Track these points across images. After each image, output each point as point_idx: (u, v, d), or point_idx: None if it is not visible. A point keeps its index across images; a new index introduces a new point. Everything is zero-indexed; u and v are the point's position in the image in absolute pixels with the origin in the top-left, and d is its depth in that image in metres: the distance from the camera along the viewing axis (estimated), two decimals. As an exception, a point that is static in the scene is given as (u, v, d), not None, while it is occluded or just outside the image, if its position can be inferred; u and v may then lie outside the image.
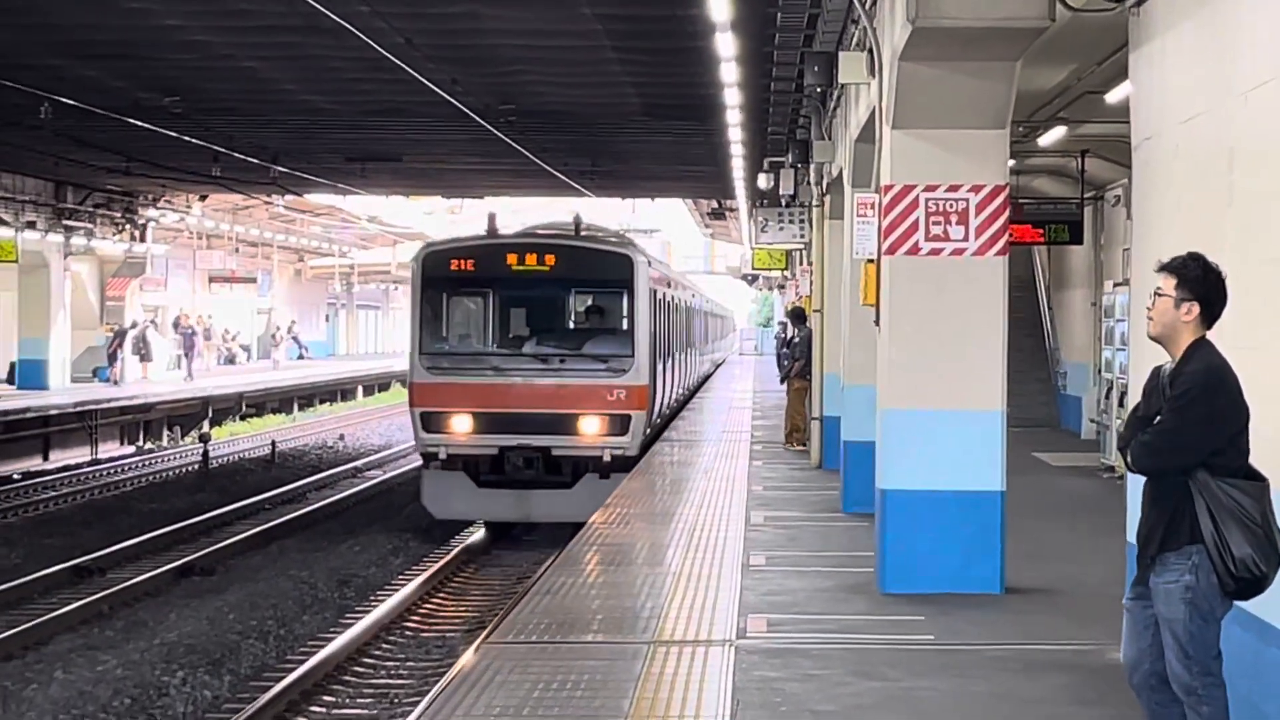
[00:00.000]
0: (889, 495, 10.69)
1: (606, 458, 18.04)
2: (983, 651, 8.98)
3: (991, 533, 10.55)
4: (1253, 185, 6.47)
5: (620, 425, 18.25)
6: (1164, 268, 5.99)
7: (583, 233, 19.90)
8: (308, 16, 14.93)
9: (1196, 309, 5.81)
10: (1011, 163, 14.19)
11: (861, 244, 12.46)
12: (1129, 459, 6.04)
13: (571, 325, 20.16)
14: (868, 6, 11.61)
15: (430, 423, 18.30)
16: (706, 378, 40.28)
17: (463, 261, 18.83)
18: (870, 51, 11.47)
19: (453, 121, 22.40)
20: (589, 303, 19.95)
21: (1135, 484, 6.71)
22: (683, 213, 53.65)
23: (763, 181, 24.37)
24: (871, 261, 11.59)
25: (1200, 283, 5.86)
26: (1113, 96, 14.59)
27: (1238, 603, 5.82)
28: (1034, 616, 10.09)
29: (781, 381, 23.38)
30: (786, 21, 14.88)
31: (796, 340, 22.73)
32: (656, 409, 21.31)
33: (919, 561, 10.58)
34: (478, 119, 21.63)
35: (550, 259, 18.65)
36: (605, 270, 19.18)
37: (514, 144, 24.42)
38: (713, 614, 9.97)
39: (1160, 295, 5.90)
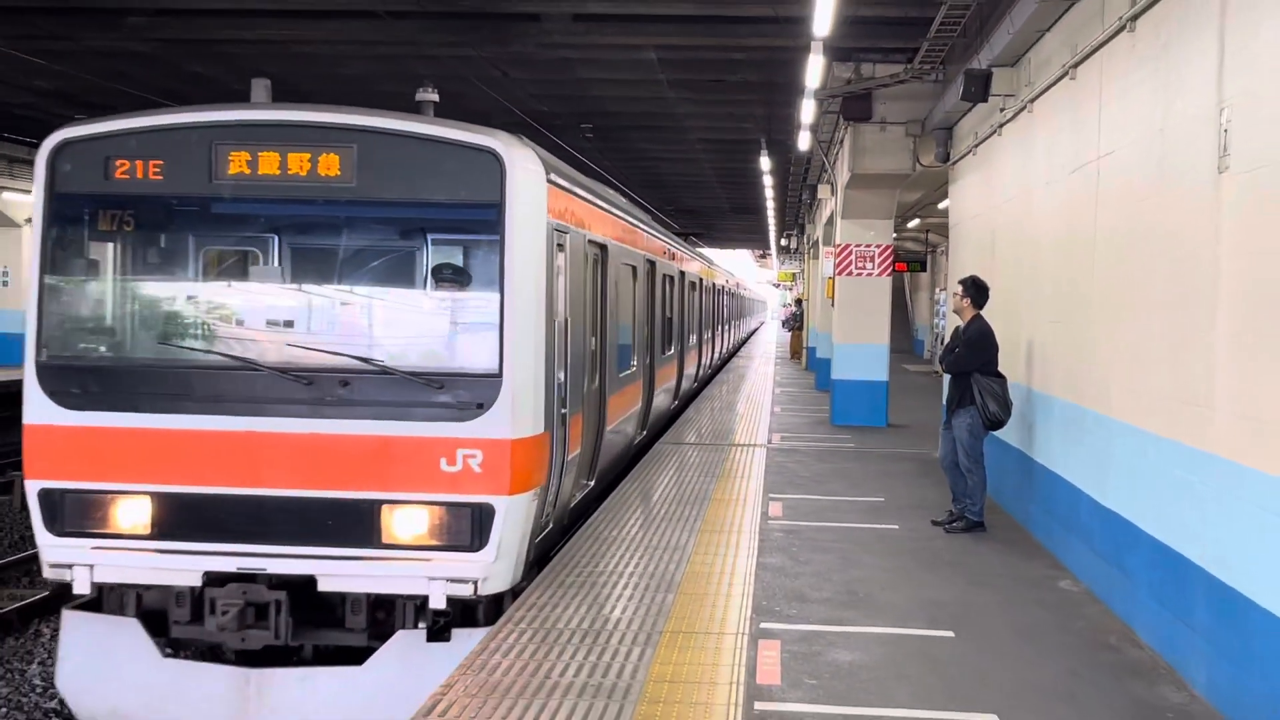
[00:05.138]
0: (837, 382, 21.69)
1: (438, 600, 8.33)
2: (876, 451, 17.97)
3: (881, 398, 21.33)
4: (1002, 246, 13.86)
5: (468, 527, 8.32)
6: (960, 281, 12.50)
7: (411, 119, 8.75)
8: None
9: (969, 300, 12.05)
10: (894, 234, 23.11)
11: (828, 269, 23.13)
12: (943, 368, 12.40)
13: (370, 307, 9.10)
14: (832, 164, 23.89)
15: (63, 514, 8.53)
16: (753, 332, 67.72)
17: (139, 164, 8.56)
18: (831, 184, 24.44)
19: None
20: (411, 259, 9.10)
21: (945, 380, 13.21)
22: (745, 254, 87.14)
23: (783, 241, 56.03)
24: (830, 278, 22.59)
25: (975, 288, 12.15)
26: (941, 205, 24.63)
27: (994, 433, 12.11)
28: (899, 436, 19.88)
29: (785, 329, 58.02)
30: (795, 171, 32.13)
31: (796, 312, 48.05)
32: (600, 458, 12.26)
33: (849, 411, 21.34)
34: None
35: (329, 161, 8.45)
36: (445, 186, 8.53)
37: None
38: (756, 431, 19.98)
39: (957, 295, 12.29)
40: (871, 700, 7.03)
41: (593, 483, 12.07)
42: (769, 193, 36.39)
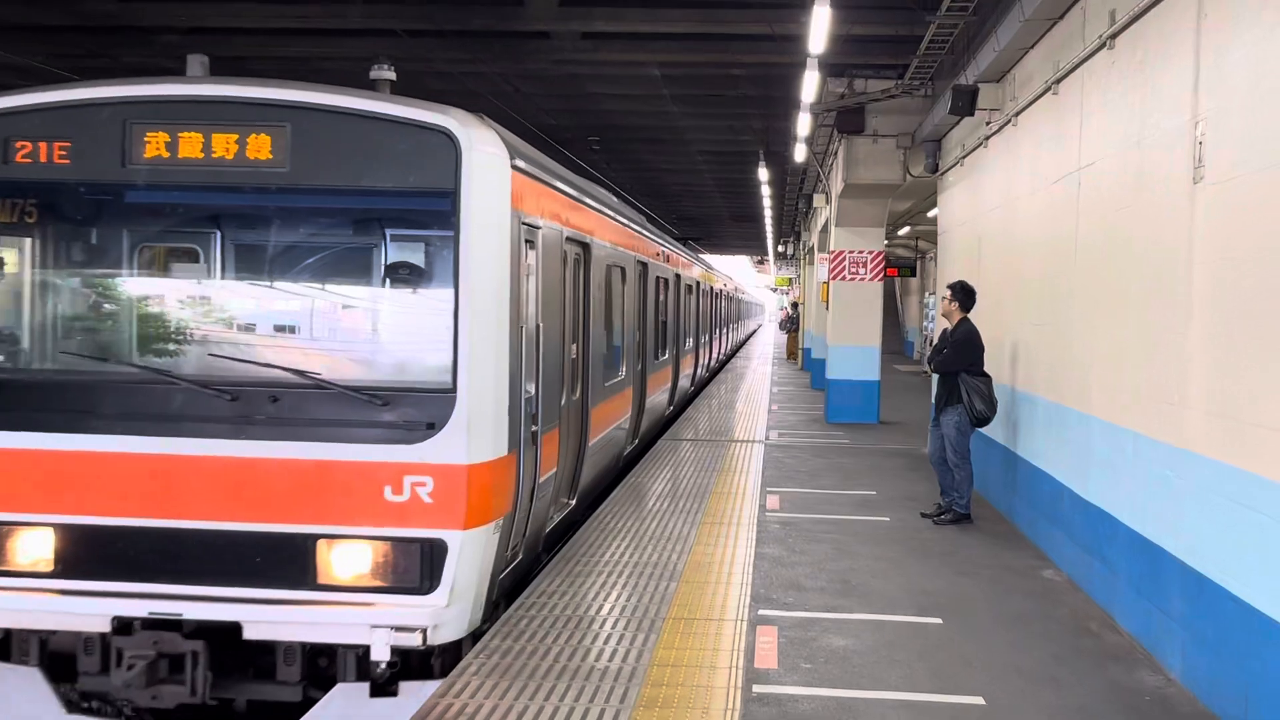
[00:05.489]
0: (831, 381, 21.91)
1: (381, 652, 6.92)
2: (869, 446, 18.20)
3: (873, 397, 21.58)
4: (988, 253, 14.00)
5: (417, 566, 7.04)
6: (948, 286, 12.46)
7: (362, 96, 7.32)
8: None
9: (957, 304, 12.14)
10: (885, 241, 22.72)
11: (822, 274, 24.30)
12: (932, 368, 12.58)
13: (304, 312, 7.72)
14: (826, 174, 23.87)
15: None
16: (751, 334, 67.11)
17: (43, 146, 7.24)
18: (826, 193, 24.42)
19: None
20: (352, 256, 7.77)
21: (933, 379, 13.51)
22: (744, 260, 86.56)
23: (780, 247, 55.48)
24: (825, 283, 23.09)
25: (962, 292, 12.19)
26: (931, 213, 25.45)
27: (981, 430, 12.23)
28: (890, 433, 20.10)
29: (782, 331, 55.89)
30: (791, 181, 32.40)
31: (793, 315, 48.33)
32: (584, 476, 10.96)
33: (843, 409, 21.53)
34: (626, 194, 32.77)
35: (259, 143, 7.12)
36: (391, 172, 7.17)
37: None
38: (754, 428, 20.12)
39: (946, 299, 12.33)
40: (864, 683, 7.10)
41: (574, 502, 10.73)
42: (767, 201, 36.51)
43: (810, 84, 15.58)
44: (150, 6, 16.06)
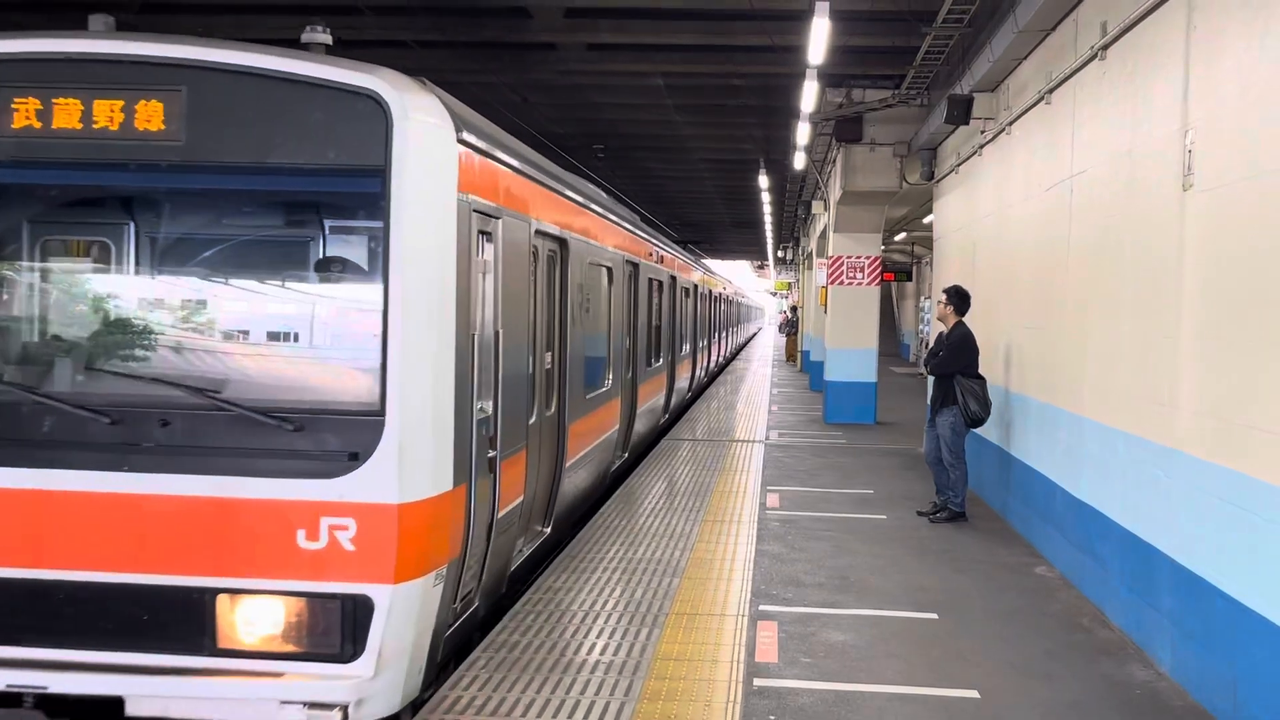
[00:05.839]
0: (829, 383, 21.79)
1: None
2: (866, 446, 18.07)
3: (870, 398, 21.45)
4: (983, 258, 13.88)
5: (336, 628, 5.57)
6: (944, 290, 12.39)
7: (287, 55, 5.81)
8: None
9: (952, 308, 12.07)
10: (882, 247, 22.71)
11: (821, 279, 24.32)
12: (928, 370, 12.53)
13: (202, 316, 6.17)
14: (825, 182, 23.72)
15: None
16: (751, 337, 66.06)
17: None
18: (824, 200, 24.32)
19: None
20: (259, 249, 6.25)
21: (929, 381, 13.05)
22: (745, 264, 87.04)
23: (780, 253, 55.40)
24: (824, 287, 23.08)
25: (957, 297, 12.14)
26: (926, 220, 24.88)
27: (975, 430, 12.14)
28: (887, 433, 19.96)
29: (781, 333, 55.34)
30: (791, 188, 32.07)
31: (792, 319, 48.01)
32: (560, 500, 9.52)
33: (841, 409, 21.42)
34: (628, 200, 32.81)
35: (149, 111, 5.65)
36: (308, 146, 5.69)
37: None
38: (754, 428, 19.89)
39: (941, 303, 12.27)
40: (861, 677, 7.03)
41: (549, 530, 9.29)
42: (767, 208, 36.48)
43: (809, 94, 15.52)
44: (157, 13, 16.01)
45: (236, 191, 6.01)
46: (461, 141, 6.27)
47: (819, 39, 12.44)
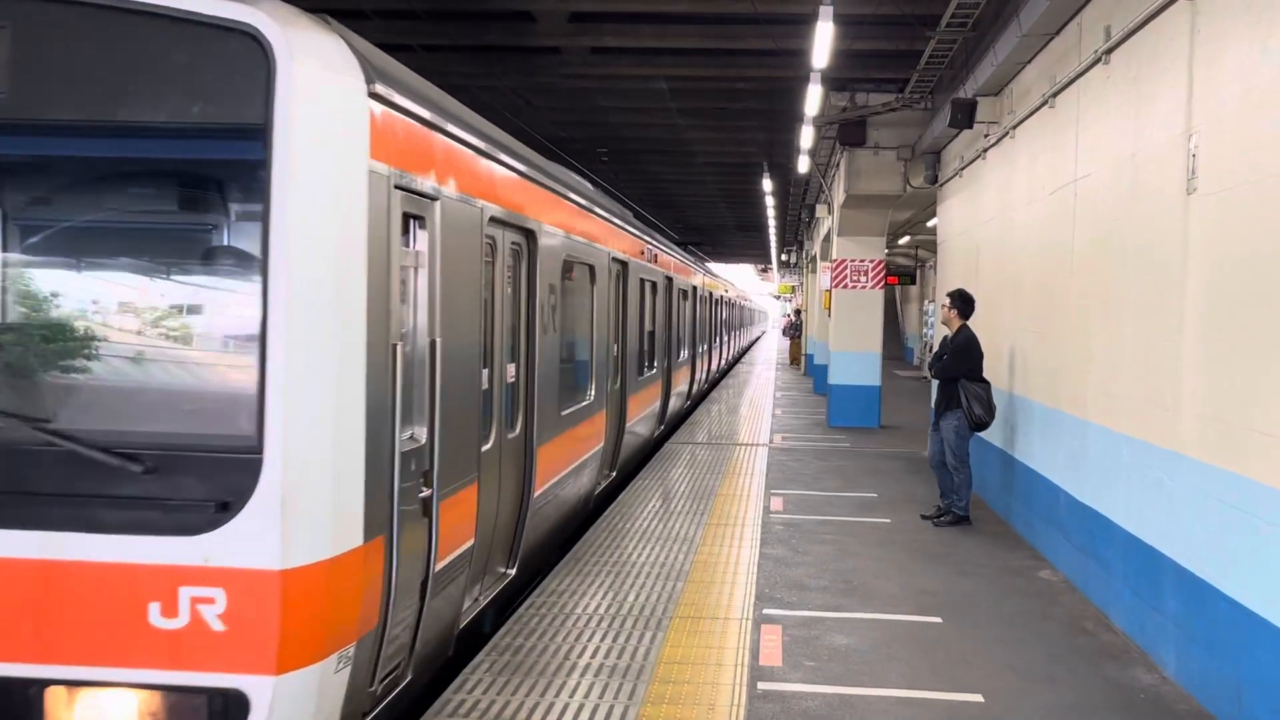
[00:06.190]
0: (833, 386, 21.61)
1: None
2: (870, 450, 18.02)
3: (874, 401, 21.35)
4: (986, 261, 13.84)
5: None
6: (948, 294, 12.39)
7: None
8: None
9: (956, 311, 12.06)
10: (886, 250, 22.84)
11: (825, 282, 23.03)
12: (932, 374, 12.39)
13: (26, 320, 4.65)
14: (829, 185, 23.57)
15: None
16: (755, 340, 69.88)
17: None
18: (828, 204, 24.04)
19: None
20: (103, 235, 4.71)
21: (933, 385, 12.93)
22: (749, 268, 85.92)
23: (783, 256, 52.86)
24: (827, 290, 22.60)
25: (961, 300, 12.13)
26: (930, 223, 26.21)
27: (979, 434, 12.17)
28: (891, 437, 19.93)
29: (785, 336, 58.13)
30: (794, 192, 31.56)
31: (795, 322, 48.65)
32: (526, 535, 8.23)
33: (845, 413, 21.38)
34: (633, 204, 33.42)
35: None
36: (167, 98, 4.33)
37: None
38: (758, 432, 19.92)
39: (945, 306, 12.26)
40: (865, 681, 7.04)
41: (514, 570, 8.03)
42: (770, 212, 36.50)
43: (813, 98, 15.52)
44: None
45: (74, 159, 4.65)
46: (376, 96, 4.88)
47: (823, 43, 12.45)
